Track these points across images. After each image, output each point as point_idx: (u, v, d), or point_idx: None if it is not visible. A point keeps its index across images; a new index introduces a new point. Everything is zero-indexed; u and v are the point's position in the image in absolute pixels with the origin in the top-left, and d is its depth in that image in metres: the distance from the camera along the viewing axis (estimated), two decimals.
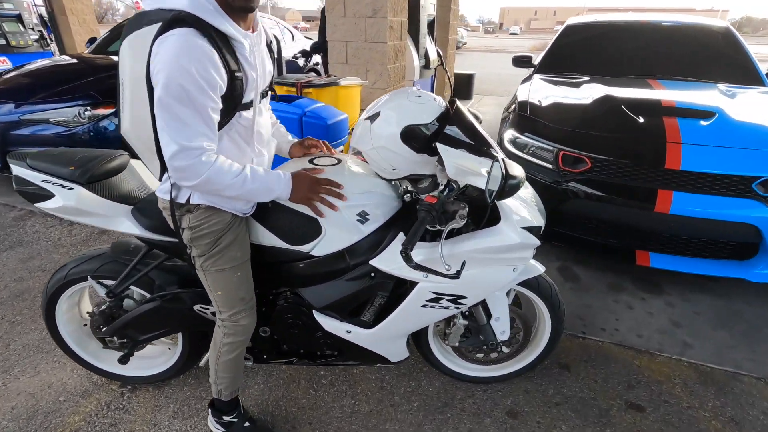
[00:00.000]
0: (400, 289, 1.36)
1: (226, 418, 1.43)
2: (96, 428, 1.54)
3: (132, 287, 1.48)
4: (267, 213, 1.30)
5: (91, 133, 3.25)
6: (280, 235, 1.30)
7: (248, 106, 1.15)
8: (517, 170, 1.06)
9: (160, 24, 0.98)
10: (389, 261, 1.27)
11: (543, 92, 2.97)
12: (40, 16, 9.76)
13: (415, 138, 1.20)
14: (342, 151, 2.63)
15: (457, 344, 1.58)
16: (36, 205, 1.31)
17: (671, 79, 3.05)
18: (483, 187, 1.10)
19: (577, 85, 3.00)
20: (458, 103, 1.27)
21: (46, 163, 1.29)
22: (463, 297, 1.32)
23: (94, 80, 3.50)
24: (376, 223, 1.29)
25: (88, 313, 1.59)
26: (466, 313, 1.53)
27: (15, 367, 1.80)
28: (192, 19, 0.98)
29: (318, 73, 6.01)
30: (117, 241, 1.54)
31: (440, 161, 1.17)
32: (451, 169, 1.14)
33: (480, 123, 1.34)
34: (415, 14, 4.79)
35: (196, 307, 1.43)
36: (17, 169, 1.29)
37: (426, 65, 5.31)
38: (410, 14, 4.51)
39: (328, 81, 3.10)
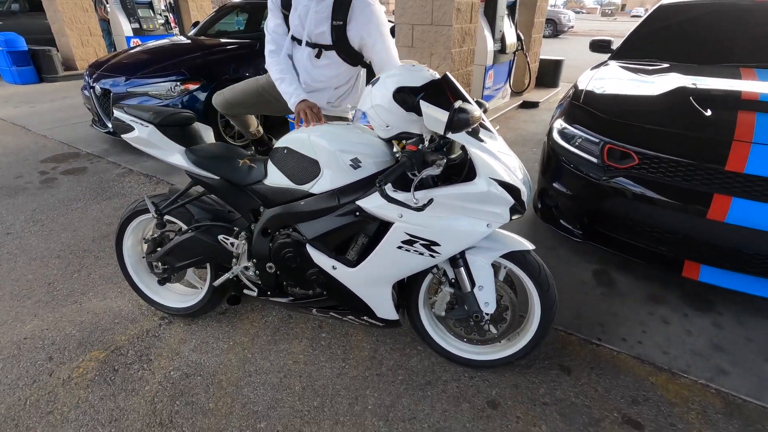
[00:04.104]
0: (383, 234, 1.47)
1: None
2: (134, 348, 1.86)
3: (175, 220, 1.82)
4: (281, 157, 1.55)
5: (180, 106, 3.74)
6: (289, 175, 1.54)
7: (293, 39, 1.83)
8: (471, 108, 1.20)
9: None
10: (371, 201, 1.42)
11: (606, 80, 2.71)
12: (168, 3, 11.17)
13: (405, 97, 1.36)
14: None
15: (443, 314, 1.63)
16: (122, 136, 1.73)
17: None
18: (447, 135, 1.26)
19: (650, 73, 2.69)
20: (449, 75, 1.42)
21: (135, 109, 1.73)
22: (436, 244, 1.39)
23: (186, 59, 4.00)
24: (367, 172, 1.45)
25: (143, 239, 1.94)
26: (452, 281, 1.57)
27: (90, 291, 2.22)
28: None
29: None
30: (173, 186, 1.89)
31: (424, 118, 1.32)
32: (426, 118, 1.30)
33: (484, 111, 1.48)
34: None
35: (220, 237, 1.70)
36: (117, 112, 1.74)
37: (502, 49, 5.08)
38: None
39: None
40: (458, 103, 1.19)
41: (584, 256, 2.48)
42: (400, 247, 1.42)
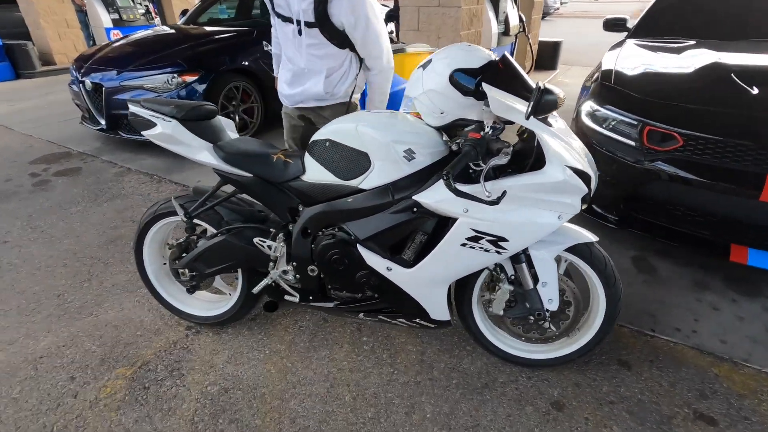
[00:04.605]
0: (442, 231, 1.37)
1: None
2: (163, 362, 1.73)
3: (202, 223, 1.67)
4: (322, 151, 1.42)
5: (179, 98, 3.53)
6: (332, 170, 1.40)
7: (279, 17, 1.75)
8: (555, 89, 1.13)
9: None
10: (431, 196, 1.31)
11: (634, 59, 2.62)
12: None
13: (463, 81, 1.26)
14: None
15: (501, 312, 1.53)
16: (142, 132, 1.57)
17: None
18: (519, 122, 1.19)
19: (678, 51, 2.60)
20: (508, 55, 1.32)
21: (154, 103, 1.56)
22: (504, 239, 1.29)
23: (181, 49, 3.77)
24: (422, 163, 1.34)
25: (167, 244, 1.78)
26: (512, 278, 1.48)
27: (105, 302, 2.07)
28: None
29: (392, 42, 5.91)
30: (197, 185, 1.72)
31: (487, 103, 1.22)
32: (494, 103, 1.19)
33: None
34: None
35: (256, 240, 1.56)
36: (133, 107, 1.57)
37: (505, 32, 4.95)
38: None
39: (394, 48, 3.01)
40: (542, 84, 1.09)
41: (621, 243, 2.41)
42: (464, 245, 1.31)
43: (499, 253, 1.31)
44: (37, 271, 2.29)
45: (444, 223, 1.36)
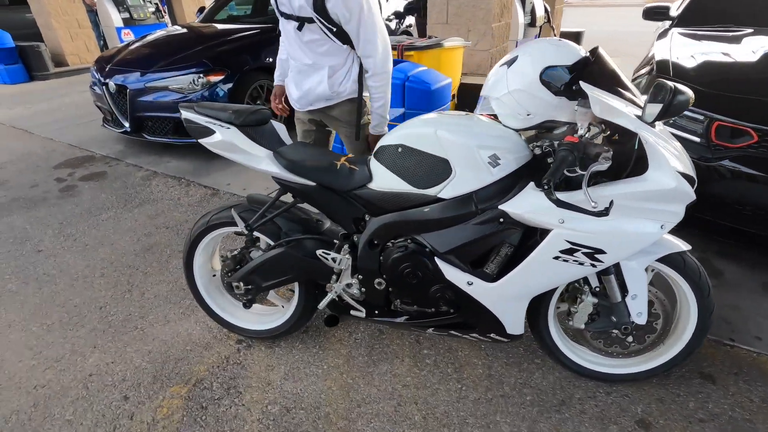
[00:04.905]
0: (528, 241, 1.29)
1: None
2: (218, 380, 1.65)
3: (260, 235, 1.58)
4: (394, 157, 1.32)
5: (204, 99, 3.45)
6: (406, 178, 1.30)
7: (281, 14, 1.71)
8: (685, 88, 1.03)
9: None
10: (521, 205, 1.21)
11: (689, 49, 2.48)
12: None
13: (554, 80, 1.16)
14: None
15: (582, 326, 1.43)
16: (199, 140, 1.49)
17: None
18: (631, 126, 1.08)
19: (736, 40, 2.46)
20: (601, 49, 1.21)
21: (209, 108, 1.47)
22: (601, 252, 1.19)
23: (205, 48, 3.68)
24: (507, 169, 1.24)
25: (221, 257, 1.70)
26: (596, 290, 1.38)
27: (149, 314, 2.00)
28: None
29: (410, 35, 5.77)
30: (252, 194, 1.63)
31: (582, 104, 1.13)
32: (598, 106, 1.08)
33: None
34: None
35: (319, 252, 1.47)
36: (186, 113, 1.48)
37: (531, 23, 4.81)
38: None
39: (431, 43, 2.90)
40: (671, 84, 0.99)
41: None
42: (556, 258, 1.21)
43: (594, 266, 1.21)
44: (75, 282, 2.23)
45: (530, 234, 1.27)
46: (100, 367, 1.73)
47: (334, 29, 1.64)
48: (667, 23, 3.20)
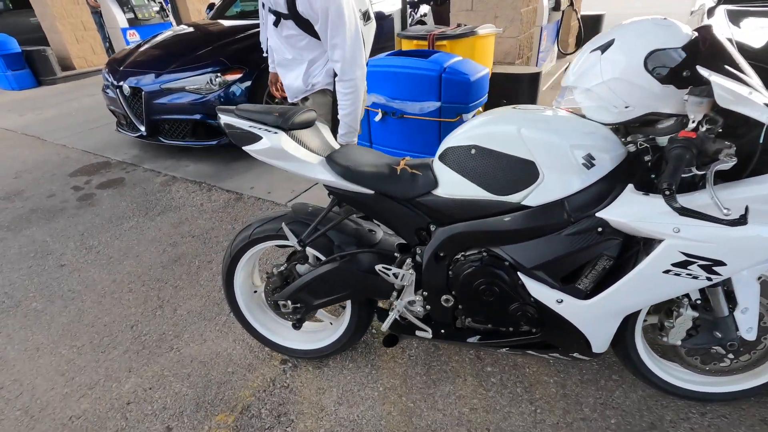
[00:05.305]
0: (627, 253, 1.14)
1: None
2: (266, 406, 1.52)
3: (309, 249, 1.44)
4: (466, 159, 1.17)
5: (222, 99, 3.30)
6: (481, 183, 1.15)
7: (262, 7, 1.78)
8: None
9: None
10: (625, 212, 1.05)
11: (749, 27, 2.29)
12: None
13: (663, 65, 1.00)
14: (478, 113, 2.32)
15: (679, 343, 1.27)
16: (244, 147, 1.33)
17: None
18: (763, 118, 0.91)
19: None
20: (713, 28, 1.05)
21: (252, 111, 1.32)
22: (720, 263, 1.03)
23: (221, 46, 3.53)
24: (602, 171, 1.09)
25: (266, 273, 1.56)
26: (697, 302, 1.22)
27: (184, 332, 1.87)
28: None
29: (424, 24, 5.57)
30: (297, 203, 1.50)
31: (694, 92, 0.96)
32: (722, 95, 0.91)
33: None
34: None
35: (379, 267, 1.32)
36: (226, 118, 1.33)
37: (556, 7, 4.59)
38: None
39: (465, 31, 2.73)
40: None
41: None
42: (667, 271, 1.05)
43: (709, 279, 1.05)
44: (102, 299, 2.11)
45: (629, 245, 1.11)
46: (138, 394, 1.60)
47: (308, 26, 1.63)
48: (711, 2, 3.00)
